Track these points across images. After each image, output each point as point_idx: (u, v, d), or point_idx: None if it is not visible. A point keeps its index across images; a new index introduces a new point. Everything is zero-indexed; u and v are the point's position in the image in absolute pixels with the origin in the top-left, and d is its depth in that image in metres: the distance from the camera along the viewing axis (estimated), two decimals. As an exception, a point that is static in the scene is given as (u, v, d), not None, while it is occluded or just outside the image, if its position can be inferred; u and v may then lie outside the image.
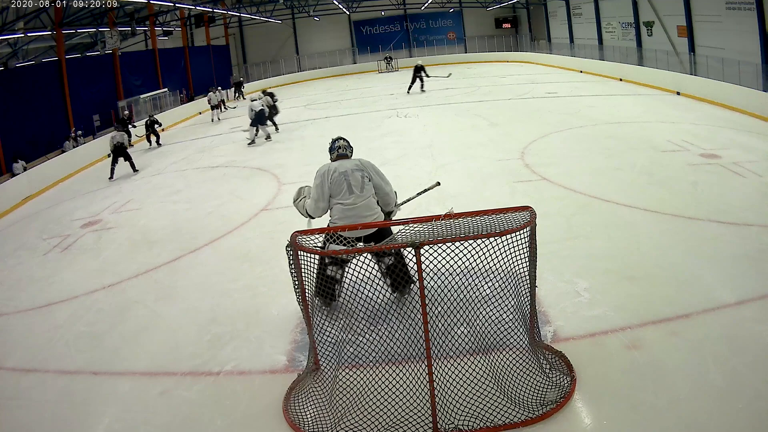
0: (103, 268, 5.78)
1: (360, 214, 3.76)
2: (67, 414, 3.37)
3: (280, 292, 4.46)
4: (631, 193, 6.18)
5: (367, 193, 3.82)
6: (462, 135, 10.36)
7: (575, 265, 4.52)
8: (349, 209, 3.78)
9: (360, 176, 3.82)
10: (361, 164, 3.91)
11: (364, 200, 3.80)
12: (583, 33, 22.68)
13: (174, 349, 3.95)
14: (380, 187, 3.92)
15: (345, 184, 3.79)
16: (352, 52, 30.61)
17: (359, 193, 3.79)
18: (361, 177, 3.82)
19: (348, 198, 3.79)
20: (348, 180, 3.80)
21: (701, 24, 14.80)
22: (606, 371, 3.17)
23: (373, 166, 3.96)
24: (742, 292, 3.87)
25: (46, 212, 8.81)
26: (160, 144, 13.78)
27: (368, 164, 3.94)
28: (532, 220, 3.00)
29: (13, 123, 12.96)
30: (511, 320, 3.19)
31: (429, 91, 16.88)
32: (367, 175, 3.85)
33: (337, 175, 3.82)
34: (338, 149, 4.07)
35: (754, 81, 11.26)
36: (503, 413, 2.84)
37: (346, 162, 3.94)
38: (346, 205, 3.79)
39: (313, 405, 3.08)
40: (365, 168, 3.88)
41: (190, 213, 7.36)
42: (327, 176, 3.83)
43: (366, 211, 3.79)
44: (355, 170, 3.84)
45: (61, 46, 15.47)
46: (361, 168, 3.87)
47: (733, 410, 2.77)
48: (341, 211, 3.80)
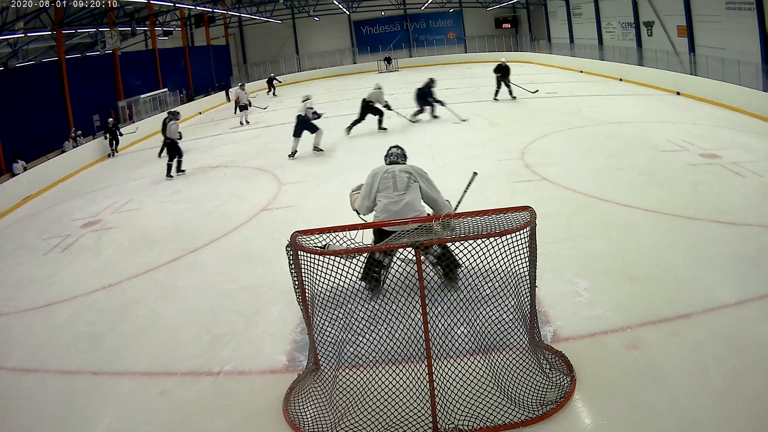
0: (103, 268, 5.78)
1: (401, 212, 3.95)
2: (67, 414, 3.37)
3: (280, 292, 4.46)
4: (631, 193, 6.18)
5: (412, 194, 4.04)
6: (462, 135, 10.35)
7: (575, 265, 4.52)
8: (390, 204, 4.01)
9: (406, 178, 4.08)
10: (410, 168, 4.17)
11: (406, 200, 4.00)
12: (583, 33, 22.68)
13: (174, 349, 3.95)
14: (427, 194, 4.13)
15: (391, 182, 4.07)
16: (352, 52, 30.61)
17: (402, 192, 4.02)
18: (407, 179, 4.07)
19: (392, 195, 4.03)
20: (395, 179, 4.08)
21: (701, 24, 14.79)
22: (606, 371, 3.18)
23: (423, 173, 4.18)
24: (742, 292, 3.87)
25: (46, 212, 8.81)
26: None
27: (417, 170, 4.18)
28: (532, 220, 3.00)
29: (13, 123, 12.94)
30: (511, 320, 3.19)
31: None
32: (414, 178, 4.09)
33: (386, 174, 4.13)
34: (390, 156, 4.48)
35: (754, 81, 11.26)
36: (503, 413, 2.84)
37: (398, 166, 4.24)
38: (388, 201, 4.02)
39: (313, 405, 3.08)
40: (413, 173, 4.13)
41: (190, 213, 7.36)
42: (377, 176, 4.15)
43: (408, 211, 3.96)
44: (402, 172, 4.11)
45: (61, 46, 15.47)
46: (408, 171, 4.13)
47: (733, 410, 2.77)
48: (383, 205, 4.04)
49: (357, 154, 9.53)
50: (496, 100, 13.86)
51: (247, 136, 13.08)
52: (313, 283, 3.08)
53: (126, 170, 11.16)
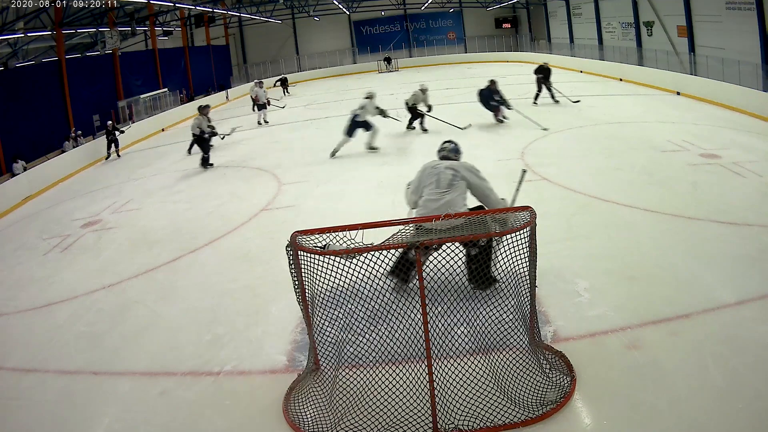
0: (103, 268, 5.78)
1: (440, 210, 3.86)
2: (67, 414, 3.37)
3: (280, 292, 4.46)
4: (631, 193, 6.18)
5: (454, 193, 3.92)
6: (462, 135, 10.34)
7: (575, 265, 4.52)
8: (430, 202, 3.93)
9: (450, 174, 3.96)
10: (457, 165, 4.05)
11: (447, 198, 3.89)
12: (583, 33, 22.68)
13: (174, 349, 3.95)
14: (478, 190, 3.99)
15: (434, 179, 3.98)
16: (352, 52, 30.60)
17: (443, 190, 3.92)
18: (452, 176, 3.95)
19: (433, 192, 3.94)
20: (438, 176, 3.98)
21: (701, 24, 14.79)
22: (606, 371, 3.18)
23: (473, 170, 4.05)
24: (742, 292, 3.87)
25: (46, 212, 8.81)
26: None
27: (467, 167, 4.05)
28: (532, 220, 3.01)
29: (13, 123, 12.95)
30: (511, 320, 3.19)
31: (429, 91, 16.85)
32: (459, 175, 3.96)
33: (431, 169, 4.06)
34: (441, 151, 4.33)
35: (754, 81, 11.27)
36: (503, 413, 2.84)
37: (445, 161, 4.15)
38: (428, 198, 3.95)
39: (313, 405, 3.08)
40: (458, 169, 4.01)
41: (190, 213, 7.36)
42: (425, 170, 4.09)
43: (447, 210, 3.87)
44: (448, 168, 4.00)
45: (61, 46, 15.47)
46: (454, 168, 4.00)
47: (733, 410, 2.77)
48: (424, 201, 3.98)
49: (357, 155, 9.53)
50: (535, 104, 12.72)
51: (247, 136, 13.08)
52: (313, 283, 3.08)
53: (126, 170, 11.16)
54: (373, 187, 7.27)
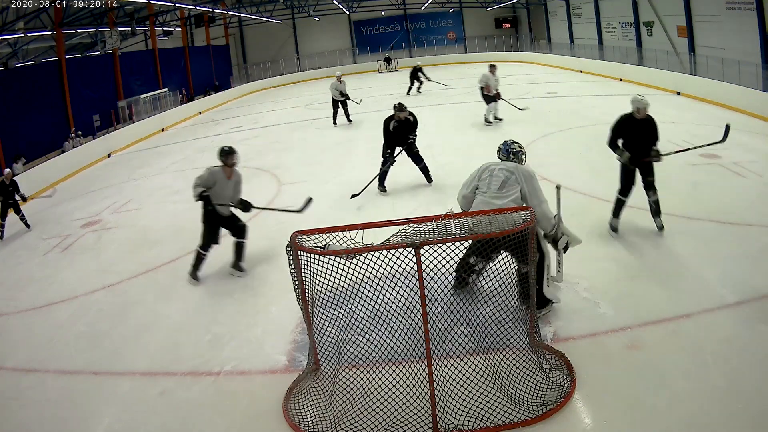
0: (103, 268, 5.78)
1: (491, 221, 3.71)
2: (67, 414, 3.37)
3: (280, 292, 4.46)
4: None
5: (507, 195, 3.71)
6: (462, 135, 10.35)
7: (575, 265, 4.51)
8: (480, 203, 3.78)
9: (503, 177, 3.77)
10: (514, 168, 3.82)
11: (500, 200, 3.70)
12: (583, 33, 22.67)
13: (174, 349, 3.95)
14: (527, 199, 3.74)
15: (489, 180, 3.83)
16: (352, 52, 30.58)
17: (496, 192, 3.75)
18: (505, 179, 3.77)
19: (485, 192, 3.81)
20: (491, 177, 3.83)
21: (701, 24, 14.79)
22: (606, 371, 3.18)
23: (529, 175, 3.78)
24: (742, 292, 3.87)
25: (46, 212, 8.81)
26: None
27: (524, 172, 3.80)
28: (532, 220, 3.01)
29: (13, 123, 12.95)
30: (511, 320, 3.19)
31: (429, 91, 16.86)
32: (515, 178, 3.75)
33: (487, 169, 3.90)
34: (500, 151, 4.09)
35: (754, 81, 11.25)
36: (503, 413, 2.84)
37: (502, 163, 3.94)
38: (480, 200, 3.81)
39: (313, 405, 3.08)
40: (516, 172, 3.78)
41: (190, 213, 7.32)
42: (481, 170, 3.92)
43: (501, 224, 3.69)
44: (502, 170, 3.82)
45: (61, 46, 15.47)
46: (510, 170, 3.80)
47: (733, 410, 2.77)
48: (475, 203, 3.83)
49: (357, 155, 9.53)
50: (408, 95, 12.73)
51: (247, 136, 13.08)
52: (313, 283, 3.08)
53: (126, 170, 11.16)
54: (372, 187, 7.25)
